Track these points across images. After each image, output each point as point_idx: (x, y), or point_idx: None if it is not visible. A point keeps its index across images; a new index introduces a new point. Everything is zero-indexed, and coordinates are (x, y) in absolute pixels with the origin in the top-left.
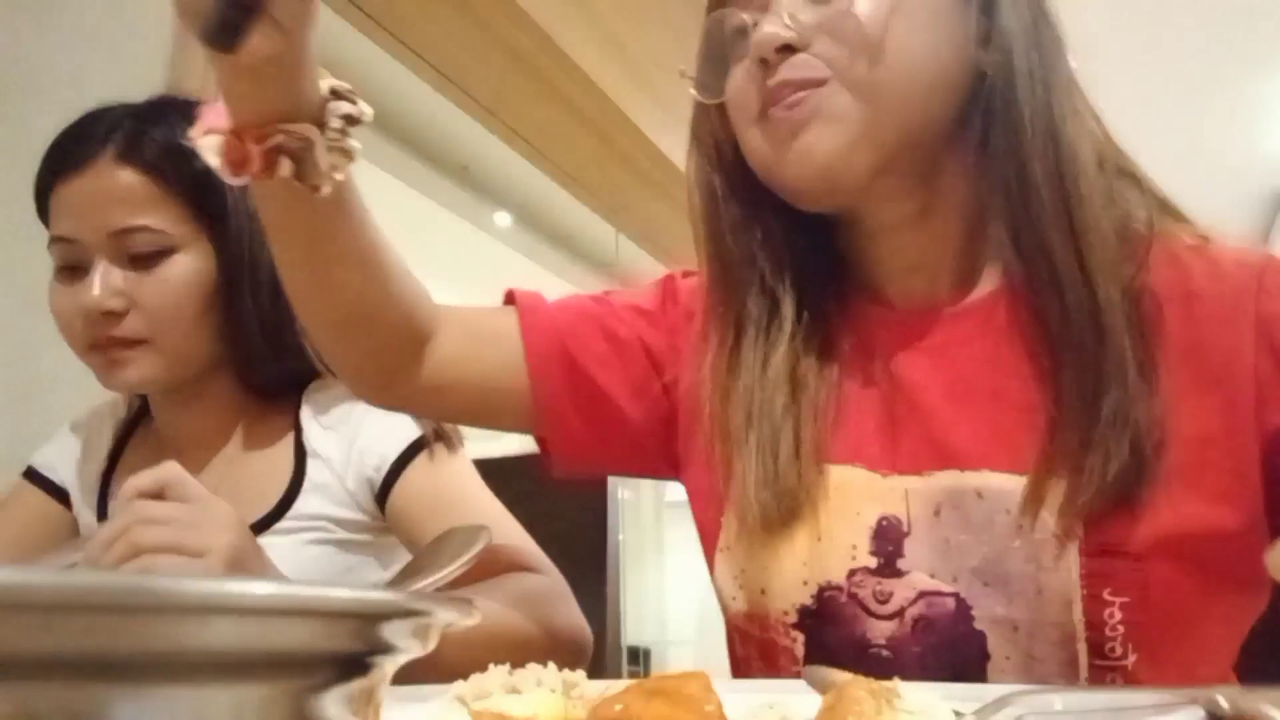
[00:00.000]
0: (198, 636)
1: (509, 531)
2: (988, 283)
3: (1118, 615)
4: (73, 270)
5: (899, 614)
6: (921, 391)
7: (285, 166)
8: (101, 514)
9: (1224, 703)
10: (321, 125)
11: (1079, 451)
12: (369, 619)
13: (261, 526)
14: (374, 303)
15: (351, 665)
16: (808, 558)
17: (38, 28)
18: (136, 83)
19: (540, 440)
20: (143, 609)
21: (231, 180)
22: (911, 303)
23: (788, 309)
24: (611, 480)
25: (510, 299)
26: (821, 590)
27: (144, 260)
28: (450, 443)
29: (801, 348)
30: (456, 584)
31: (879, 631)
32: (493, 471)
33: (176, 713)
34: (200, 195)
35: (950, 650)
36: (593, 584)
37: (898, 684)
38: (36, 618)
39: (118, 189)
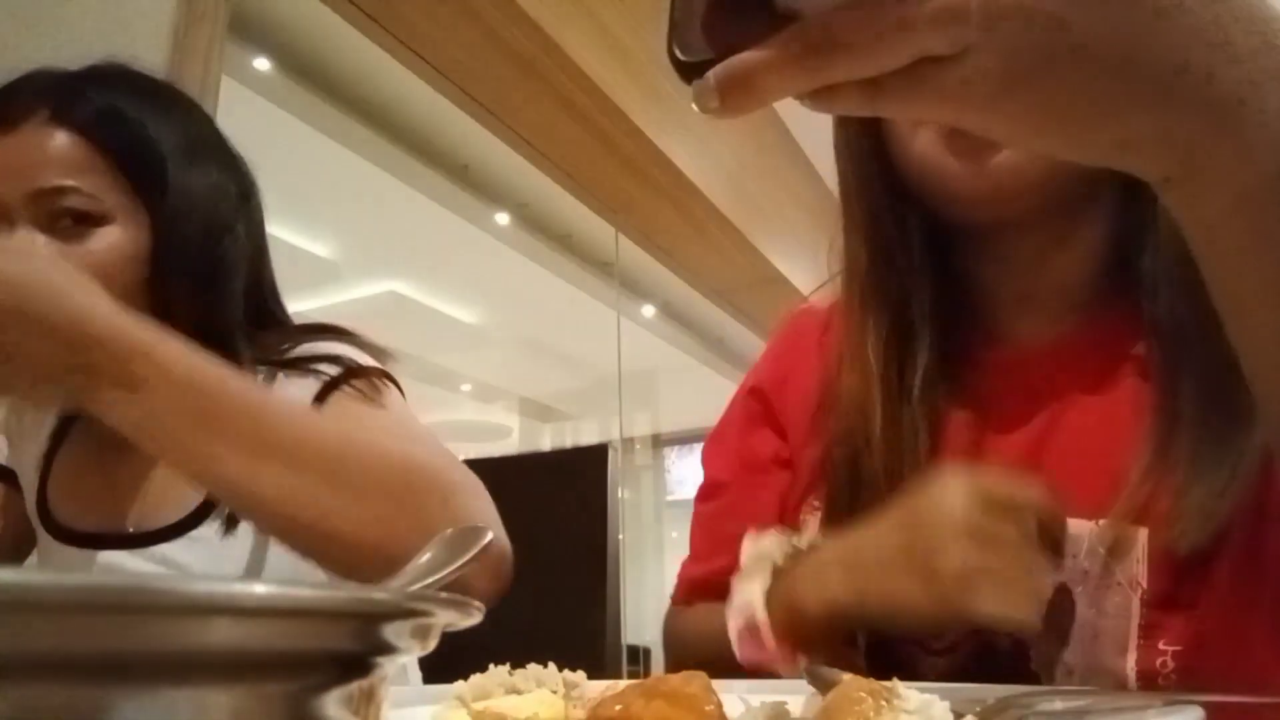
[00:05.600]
0: (198, 636)
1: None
2: (1098, 319)
3: (1170, 664)
4: None
5: (952, 649)
6: (1013, 428)
7: None
8: (41, 498)
9: None
10: None
11: (1187, 484)
12: (369, 619)
13: (199, 517)
14: None
15: (351, 665)
16: None
17: (35, 27)
18: None
19: None
20: (143, 609)
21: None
22: (1017, 335)
23: (922, 340)
24: (611, 480)
25: None
26: None
27: (71, 230)
28: (368, 389)
29: (935, 377)
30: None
31: (929, 665)
32: (492, 471)
33: (176, 713)
34: (137, 164)
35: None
36: (593, 584)
37: (897, 684)
38: (36, 618)
39: (48, 149)
